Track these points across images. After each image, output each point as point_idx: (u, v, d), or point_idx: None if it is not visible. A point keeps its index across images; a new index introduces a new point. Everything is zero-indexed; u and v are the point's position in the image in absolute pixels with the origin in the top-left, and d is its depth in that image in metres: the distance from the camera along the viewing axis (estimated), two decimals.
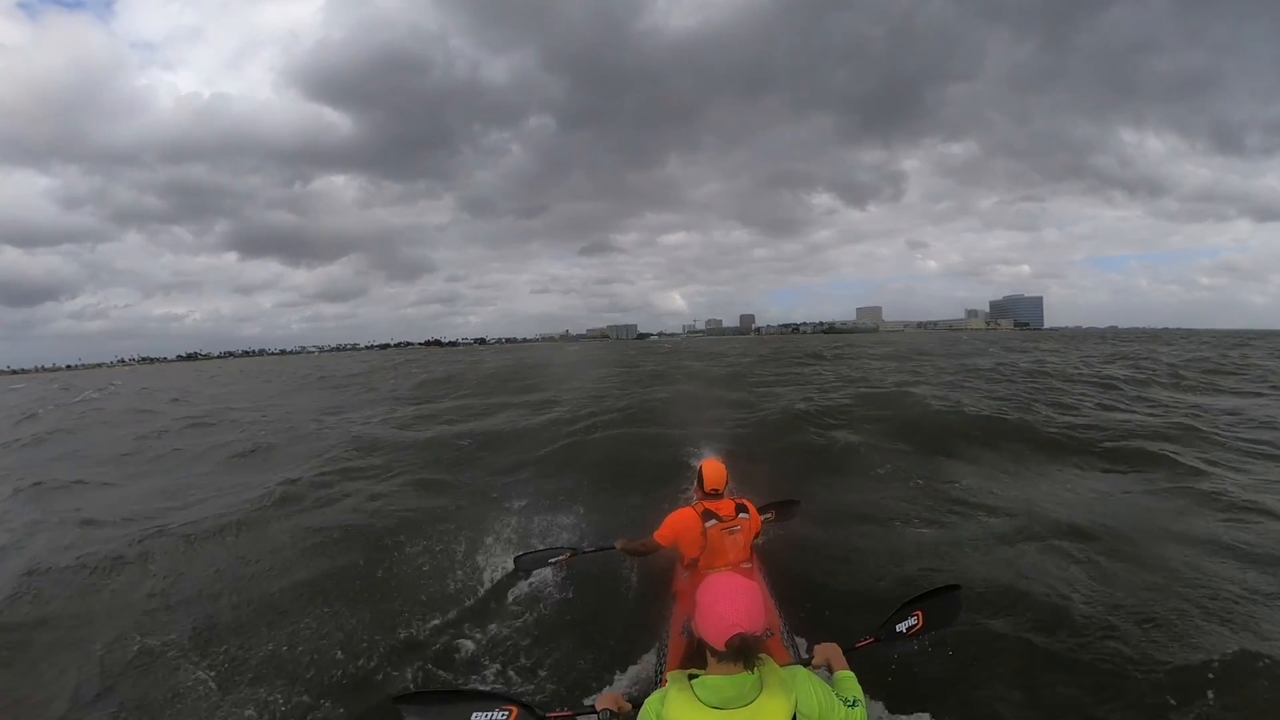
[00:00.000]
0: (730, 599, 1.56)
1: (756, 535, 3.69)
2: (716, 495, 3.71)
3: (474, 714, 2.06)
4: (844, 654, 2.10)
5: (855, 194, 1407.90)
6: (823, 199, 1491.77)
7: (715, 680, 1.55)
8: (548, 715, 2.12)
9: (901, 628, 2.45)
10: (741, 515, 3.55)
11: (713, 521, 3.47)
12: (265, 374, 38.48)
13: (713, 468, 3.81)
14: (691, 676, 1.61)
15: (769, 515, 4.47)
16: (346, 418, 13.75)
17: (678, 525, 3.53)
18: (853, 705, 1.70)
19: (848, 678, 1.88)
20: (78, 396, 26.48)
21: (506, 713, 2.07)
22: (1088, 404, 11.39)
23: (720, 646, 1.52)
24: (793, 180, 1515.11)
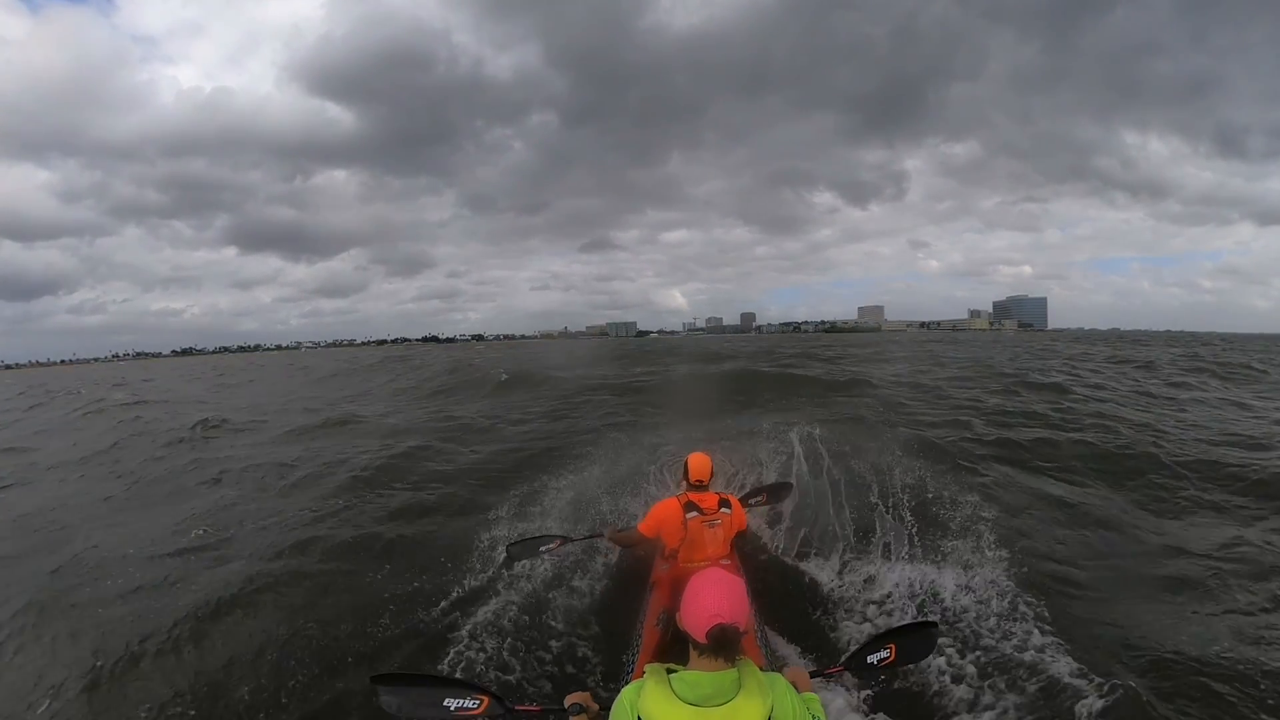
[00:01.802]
0: (713, 589, 1.57)
1: (740, 533, 3.77)
2: (701, 487, 3.69)
3: (446, 700, 2.11)
4: (811, 678, 2.13)
5: (857, 193, 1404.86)
6: (824, 198, 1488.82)
7: (694, 676, 1.55)
8: (517, 708, 2.16)
9: (873, 659, 2.35)
10: (724, 510, 3.59)
11: (694, 513, 3.50)
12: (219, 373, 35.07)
13: (698, 460, 3.76)
14: (671, 671, 1.59)
15: (759, 498, 4.66)
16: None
17: (660, 514, 3.58)
18: None
19: (813, 700, 1.82)
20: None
21: (478, 701, 2.11)
22: None
23: (701, 637, 1.53)
24: (795, 178, 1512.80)
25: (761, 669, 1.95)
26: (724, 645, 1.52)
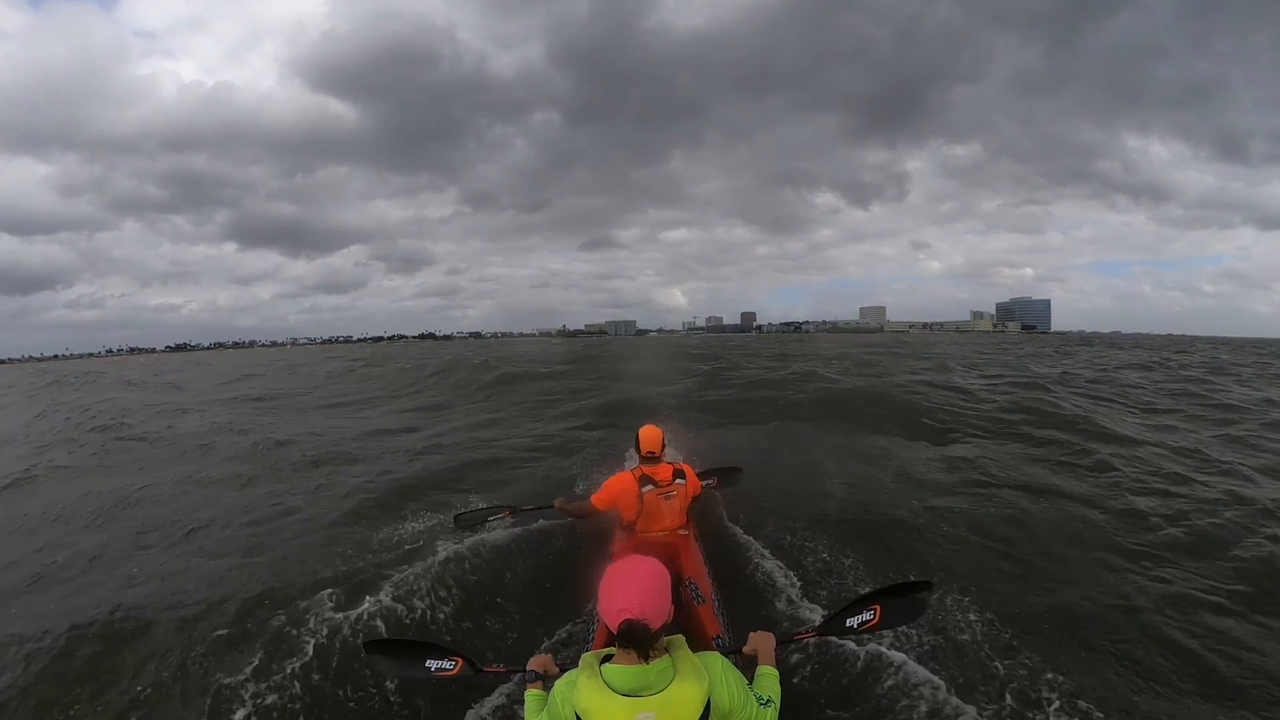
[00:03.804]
0: (624, 584, 1.52)
1: (696, 498, 3.79)
2: (653, 459, 3.69)
3: (428, 661, 2.26)
4: (779, 646, 1.98)
5: (859, 193, 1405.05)
6: (826, 198, 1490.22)
7: (620, 669, 1.51)
8: (485, 669, 2.27)
9: (853, 622, 2.21)
10: (679, 481, 3.63)
11: (650, 486, 3.54)
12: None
13: (648, 432, 3.75)
14: (607, 658, 1.58)
15: (710, 481, 4.43)
16: None
17: (615, 489, 3.59)
18: (765, 704, 1.65)
19: (770, 675, 1.79)
20: None
21: (454, 663, 2.25)
22: None
23: (614, 630, 1.50)
24: (796, 178, 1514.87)
25: (718, 637, 2.54)
26: (632, 642, 1.48)
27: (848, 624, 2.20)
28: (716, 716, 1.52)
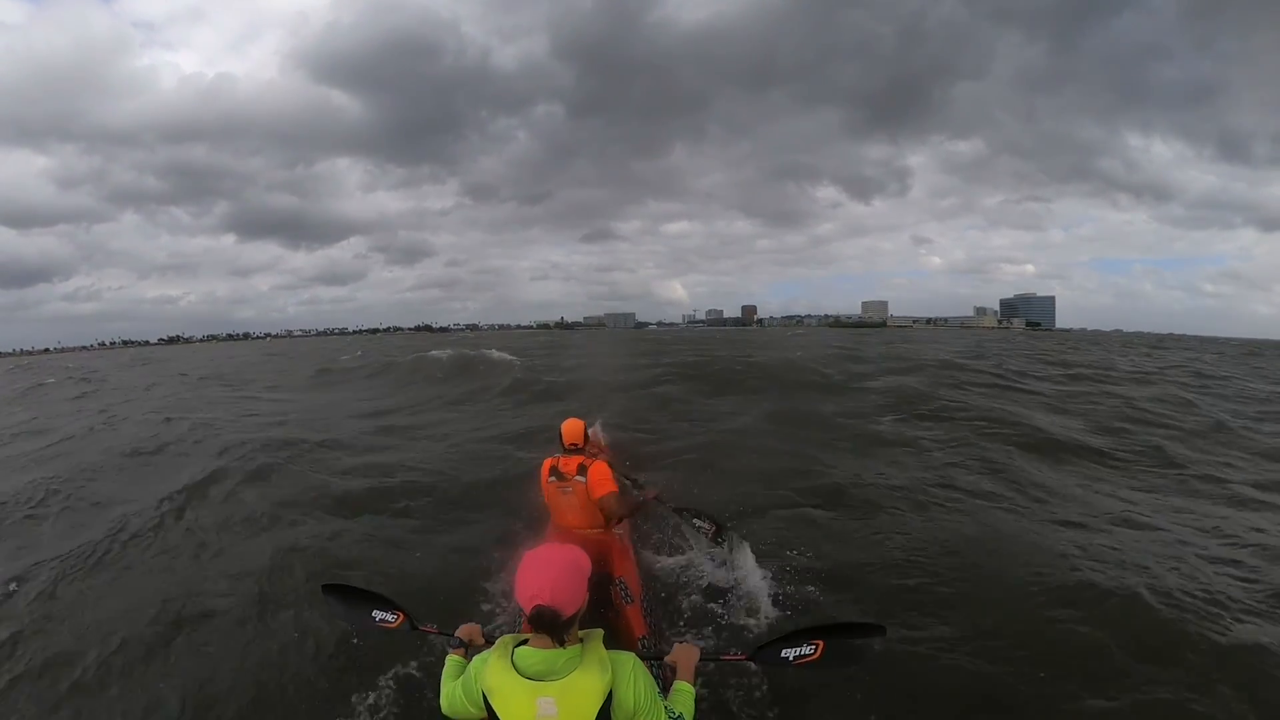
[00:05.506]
0: (537, 570, 1.54)
1: (607, 496, 3.42)
2: (574, 450, 3.65)
3: (374, 610, 2.44)
4: (702, 661, 1.93)
5: (860, 188, 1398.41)
6: (827, 192, 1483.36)
7: (530, 652, 1.56)
8: (420, 626, 2.41)
9: (789, 653, 2.01)
10: (578, 477, 3.44)
11: (554, 478, 3.52)
12: None
13: (569, 424, 3.74)
14: (524, 641, 1.60)
15: (641, 488, 4.34)
16: None
17: (541, 472, 3.66)
18: (676, 718, 1.66)
19: (685, 691, 1.76)
20: None
21: (395, 616, 2.41)
22: None
23: (526, 614, 1.54)
24: (797, 172, 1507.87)
25: (643, 638, 2.61)
26: (544, 627, 1.50)
27: (783, 654, 2.02)
28: (620, 714, 1.53)
